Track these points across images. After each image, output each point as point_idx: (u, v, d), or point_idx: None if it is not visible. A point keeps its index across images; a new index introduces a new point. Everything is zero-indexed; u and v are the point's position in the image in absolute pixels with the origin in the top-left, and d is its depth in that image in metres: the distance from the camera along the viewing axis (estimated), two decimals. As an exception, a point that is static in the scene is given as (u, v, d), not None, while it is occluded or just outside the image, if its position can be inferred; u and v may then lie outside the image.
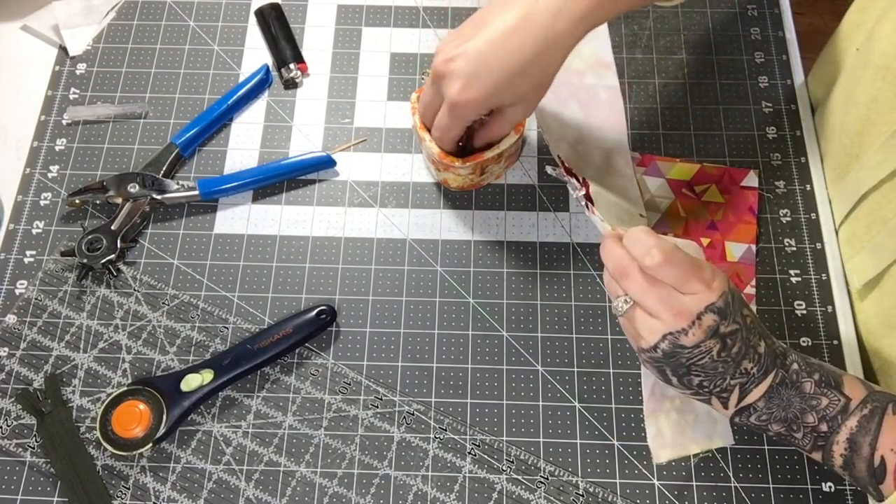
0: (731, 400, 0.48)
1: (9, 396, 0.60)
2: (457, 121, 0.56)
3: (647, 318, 0.47)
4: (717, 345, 0.46)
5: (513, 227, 0.66)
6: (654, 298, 0.46)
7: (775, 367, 0.47)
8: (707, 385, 0.47)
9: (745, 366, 0.47)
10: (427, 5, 0.76)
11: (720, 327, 0.46)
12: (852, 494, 0.56)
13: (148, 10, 0.76)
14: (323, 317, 0.61)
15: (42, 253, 0.65)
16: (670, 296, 0.46)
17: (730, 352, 0.46)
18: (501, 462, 0.58)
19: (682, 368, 0.47)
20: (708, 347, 0.46)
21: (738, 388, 0.47)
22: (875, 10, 0.61)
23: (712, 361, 0.46)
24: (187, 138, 0.68)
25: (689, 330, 0.45)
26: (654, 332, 0.47)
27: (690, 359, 0.46)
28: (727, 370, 0.46)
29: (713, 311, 0.45)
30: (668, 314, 0.46)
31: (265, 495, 0.57)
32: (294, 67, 0.72)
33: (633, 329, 0.48)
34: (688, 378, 0.47)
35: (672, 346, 0.46)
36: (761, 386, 0.47)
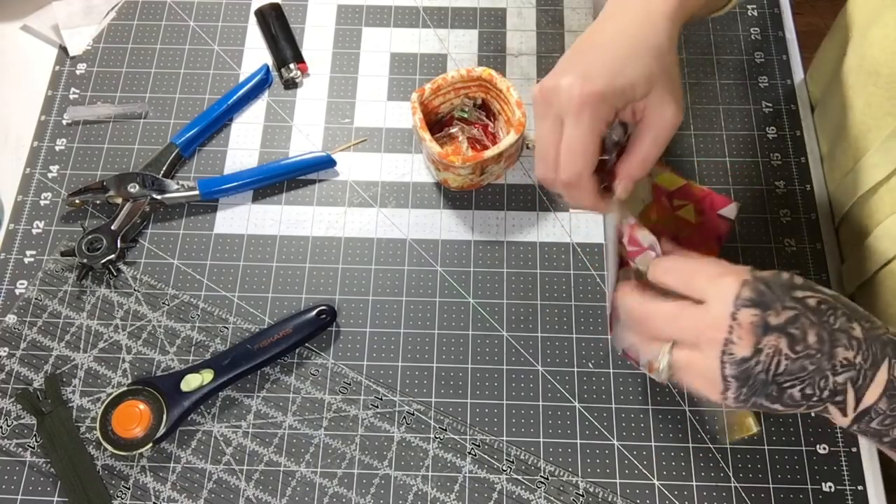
0: (849, 402, 0.40)
1: (9, 396, 0.60)
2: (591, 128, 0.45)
3: (693, 355, 0.41)
4: (783, 339, 0.39)
5: (513, 227, 0.66)
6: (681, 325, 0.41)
7: (886, 357, 0.39)
8: (811, 392, 0.40)
9: (841, 355, 0.39)
10: (427, 5, 0.76)
11: (768, 319, 0.39)
12: (852, 494, 0.56)
13: (148, 10, 0.76)
14: (323, 317, 0.61)
15: (42, 253, 0.65)
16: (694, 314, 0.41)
17: (806, 342, 0.39)
18: (501, 462, 0.58)
19: (769, 387, 0.40)
20: (773, 347, 0.39)
21: (850, 386, 0.40)
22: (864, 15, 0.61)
23: (793, 362, 0.39)
24: (187, 138, 0.68)
25: (733, 337, 0.40)
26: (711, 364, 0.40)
27: (767, 370, 0.40)
28: (821, 365, 0.39)
29: (746, 306, 0.39)
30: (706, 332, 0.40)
31: (265, 495, 0.57)
32: (294, 67, 0.72)
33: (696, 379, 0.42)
34: (786, 394, 0.40)
35: (736, 367, 0.40)
36: (877, 381, 0.39)
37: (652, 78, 0.46)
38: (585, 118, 0.45)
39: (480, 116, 0.69)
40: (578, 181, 0.46)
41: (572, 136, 0.45)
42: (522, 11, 0.76)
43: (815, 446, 0.58)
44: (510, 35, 0.75)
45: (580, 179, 0.46)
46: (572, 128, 0.45)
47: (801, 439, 0.58)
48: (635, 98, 0.46)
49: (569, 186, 0.47)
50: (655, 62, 0.46)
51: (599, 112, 0.45)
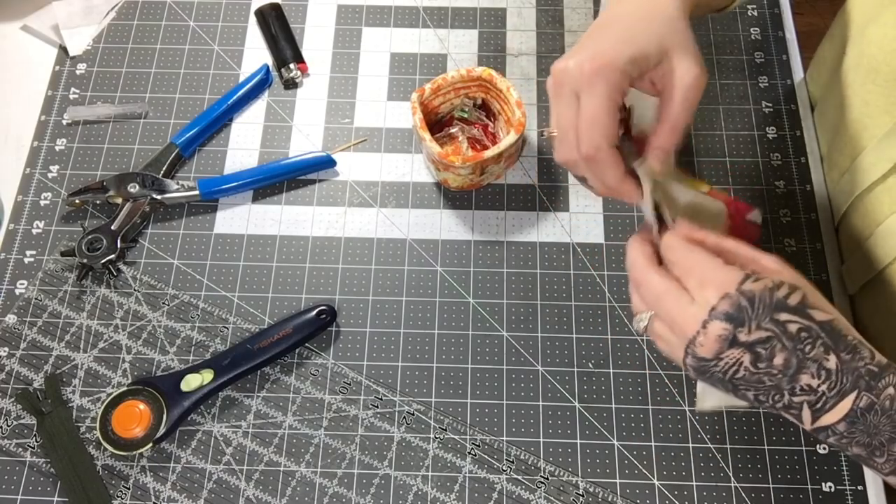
0: (804, 417, 0.41)
1: (9, 396, 0.60)
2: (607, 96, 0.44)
3: (667, 332, 0.43)
4: (747, 355, 0.40)
5: (513, 227, 0.66)
6: (664, 307, 0.42)
7: (857, 389, 0.40)
8: (764, 399, 0.42)
9: (804, 381, 0.40)
10: (427, 5, 0.76)
11: (738, 336, 0.40)
12: (852, 494, 0.56)
13: (148, 10, 0.76)
14: (323, 317, 0.61)
15: (42, 253, 0.65)
16: (679, 303, 0.42)
17: (770, 363, 0.40)
18: (501, 462, 0.58)
19: (724, 383, 0.42)
20: (734, 359, 0.40)
21: (806, 407, 0.41)
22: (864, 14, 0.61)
23: (752, 374, 0.41)
24: (187, 138, 0.68)
25: (694, 341, 0.41)
26: (677, 347, 0.42)
27: (725, 373, 0.41)
28: (780, 384, 0.40)
29: (719, 319, 0.40)
30: (678, 324, 0.41)
31: (265, 495, 0.57)
32: (294, 67, 0.72)
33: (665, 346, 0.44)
34: (741, 393, 0.42)
35: (696, 361, 0.41)
36: (840, 407, 0.40)
37: (664, 44, 0.45)
38: (598, 87, 0.44)
39: (480, 116, 0.69)
40: (598, 154, 0.45)
41: (588, 107, 0.45)
42: (522, 11, 0.76)
43: (815, 446, 0.58)
44: (510, 35, 0.75)
45: (600, 152, 0.45)
46: (587, 99, 0.45)
47: (801, 439, 0.58)
48: (649, 66, 0.46)
49: (590, 161, 0.46)
50: (666, 28, 0.46)
51: (612, 80, 0.44)
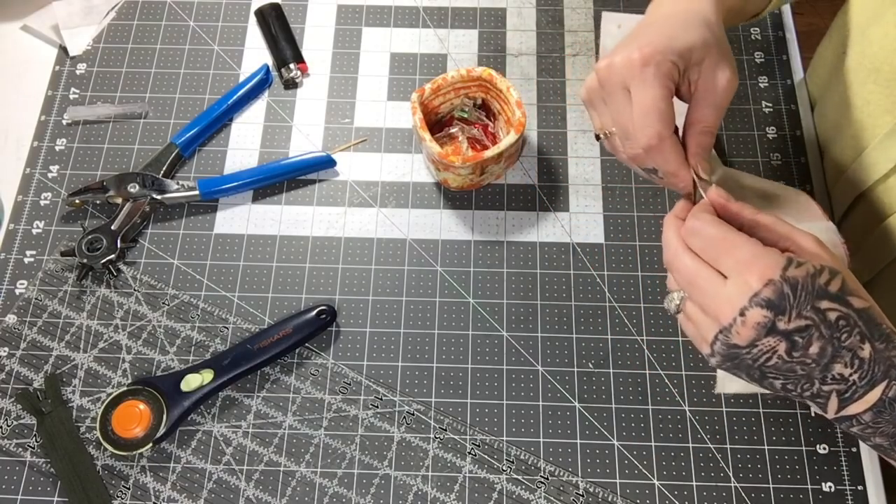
0: (830, 406, 0.41)
1: (9, 396, 0.60)
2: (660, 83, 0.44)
3: (700, 316, 0.42)
4: (783, 344, 0.39)
5: (513, 227, 0.66)
6: (698, 290, 0.41)
7: (887, 379, 0.39)
8: (792, 388, 0.41)
9: (837, 370, 0.39)
10: (427, 5, 0.76)
11: (777, 324, 0.38)
12: (852, 494, 0.56)
13: (148, 10, 0.76)
14: (323, 317, 0.61)
15: (42, 253, 0.65)
16: (715, 287, 0.40)
17: (806, 352, 0.39)
18: (501, 462, 0.58)
19: (753, 371, 0.41)
20: (769, 347, 0.39)
21: (834, 396, 0.40)
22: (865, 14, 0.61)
23: (784, 363, 0.40)
24: (187, 138, 0.68)
25: (730, 329, 0.39)
26: (709, 331, 0.41)
27: (756, 360, 0.40)
28: (812, 373, 0.40)
29: (760, 305, 0.38)
30: (713, 308, 0.40)
31: (265, 495, 0.57)
32: (294, 67, 0.72)
33: (695, 330, 0.43)
34: (767, 382, 0.41)
35: (726, 347, 0.40)
36: (868, 397, 0.40)
37: (707, 43, 0.46)
38: (650, 74, 0.44)
39: (480, 116, 0.69)
40: (660, 142, 0.45)
41: (643, 97, 0.44)
42: (522, 11, 0.76)
43: (815, 446, 0.58)
44: (510, 35, 0.75)
45: (662, 140, 0.45)
46: (640, 89, 0.45)
47: (801, 439, 0.58)
48: (692, 61, 0.45)
49: (652, 151, 0.45)
50: (708, 30, 0.46)
51: (663, 68, 0.44)
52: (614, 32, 0.74)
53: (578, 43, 0.74)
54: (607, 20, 0.76)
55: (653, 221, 0.66)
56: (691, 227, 0.42)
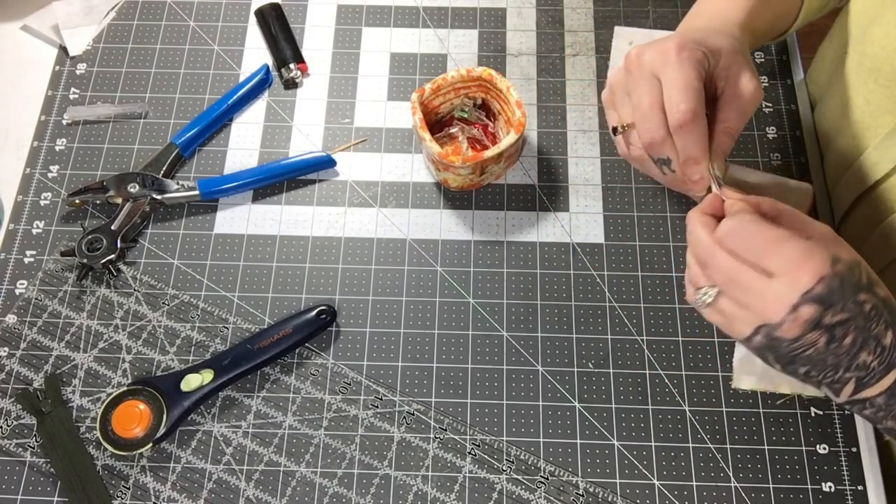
0: (845, 391, 0.42)
1: (9, 396, 0.60)
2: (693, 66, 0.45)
3: (735, 309, 0.42)
4: (824, 336, 0.40)
5: (513, 227, 0.66)
6: (740, 288, 0.41)
7: None
8: (815, 375, 0.42)
9: (862, 359, 0.40)
10: (427, 5, 0.76)
11: (824, 318, 0.39)
12: (852, 494, 0.56)
13: (148, 10, 0.76)
14: (323, 317, 0.61)
15: (42, 253, 0.65)
16: (758, 284, 0.40)
17: (841, 343, 0.40)
18: (501, 462, 0.58)
19: (784, 359, 0.42)
20: (811, 340, 0.40)
21: (853, 382, 0.41)
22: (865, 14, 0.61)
23: (819, 354, 0.40)
24: (187, 138, 0.68)
25: (781, 324, 0.40)
26: (746, 324, 0.41)
27: (793, 351, 0.41)
28: (840, 362, 0.41)
29: (812, 301, 0.39)
30: (758, 306, 0.40)
31: (265, 495, 0.57)
32: (294, 67, 0.72)
33: (724, 320, 0.43)
34: (792, 367, 0.42)
35: (769, 339, 0.41)
36: (883, 382, 0.41)
37: (734, 51, 0.47)
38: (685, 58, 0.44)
39: (480, 116, 0.69)
40: (693, 118, 0.44)
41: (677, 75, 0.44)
42: (522, 11, 0.76)
43: (815, 446, 0.58)
44: (510, 35, 0.75)
45: (696, 117, 0.44)
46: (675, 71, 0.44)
47: (801, 439, 0.58)
48: (720, 64, 0.46)
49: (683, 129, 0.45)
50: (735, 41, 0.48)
51: (696, 56, 0.44)
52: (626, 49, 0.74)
53: (578, 43, 0.74)
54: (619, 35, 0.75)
55: (653, 221, 0.66)
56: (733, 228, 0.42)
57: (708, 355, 0.61)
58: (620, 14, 0.75)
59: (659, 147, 0.47)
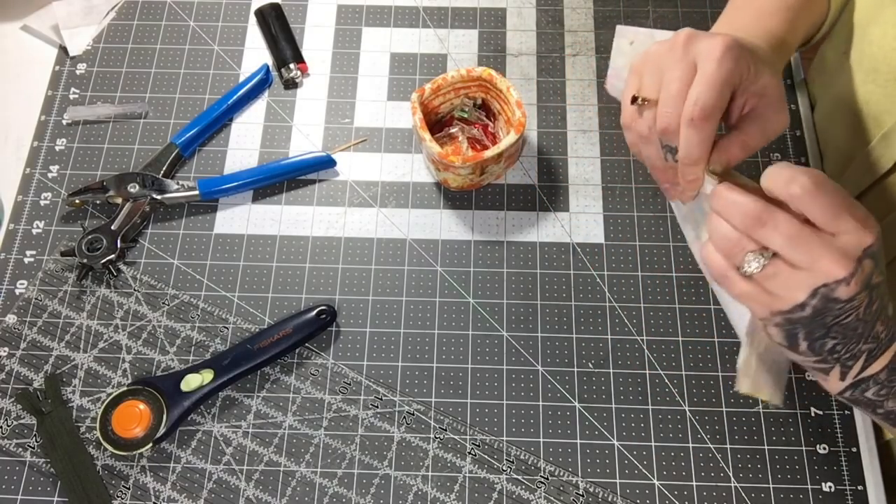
0: (854, 368, 0.42)
1: (9, 396, 0.60)
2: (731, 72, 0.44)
3: (791, 273, 0.40)
4: (867, 299, 0.39)
5: (513, 227, 0.66)
6: (805, 246, 0.39)
7: None
8: (839, 349, 0.41)
9: (877, 328, 0.41)
10: (427, 5, 0.76)
11: (873, 277, 0.39)
12: (852, 494, 0.56)
13: (148, 10, 0.76)
14: (323, 317, 0.61)
15: (42, 253, 0.65)
16: (823, 240, 0.39)
17: (871, 308, 0.40)
18: (501, 462, 0.58)
19: (821, 330, 0.41)
20: (860, 301, 0.39)
21: (865, 355, 0.41)
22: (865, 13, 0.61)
23: (857, 320, 0.40)
24: (187, 138, 0.68)
25: (850, 279, 0.38)
26: (802, 288, 0.39)
27: (838, 316, 0.40)
28: (865, 331, 0.40)
29: (871, 257, 0.39)
30: (825, 262, 0.39)
31: (265, 495, 0.57)
32: (294, 67, 0.72)
33: (764, 291, 0.41)
34: (822, 342, 0.41)
35: (825, 302, 0.39)
36: (887, 354, 0.41)
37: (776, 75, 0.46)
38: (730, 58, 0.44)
39: (480, 116, 0.69)
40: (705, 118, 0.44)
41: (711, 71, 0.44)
42: (522, 11, 0.76)
43: (815, 446, 0.58)
44: (510, 35, 0.75)
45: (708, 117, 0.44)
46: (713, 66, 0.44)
47: (801, 439, 0.58)
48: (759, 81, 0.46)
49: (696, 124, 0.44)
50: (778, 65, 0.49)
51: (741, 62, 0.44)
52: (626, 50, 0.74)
53: (578, 43, 0.74)
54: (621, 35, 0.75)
55: (653, 221, 0.66)
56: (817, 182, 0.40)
57: (708, 355, 0.61)
58: (620, 14, 0.75)
59: (673, 135, 0.46)
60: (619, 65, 0.71)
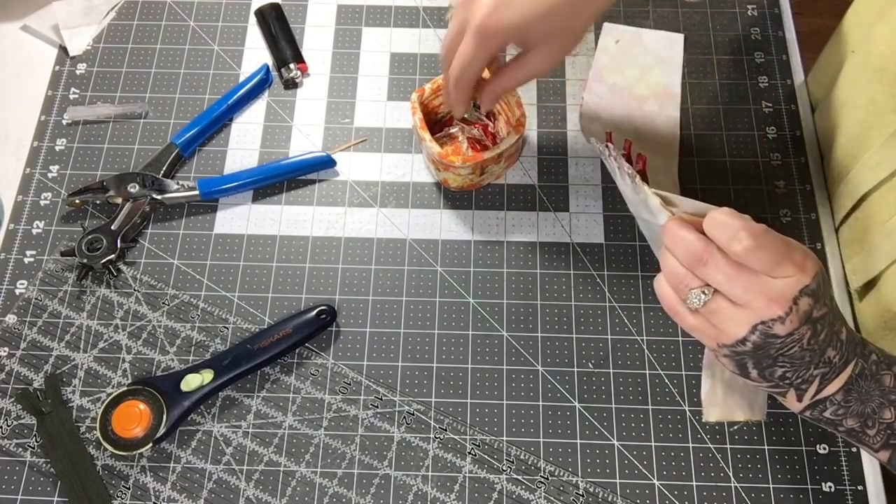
0: (809, 392, 0.44)
1: (9, 396, 0.60)
2: (480, 50, 0.51)
3: (731, 309, 0.43)
4: (809, 331, 0.42)
5: (513, 227, 0.66)
6: (743, 286, 0.42)
7: (855, 357, 0.43)
8: (790, 376, 0.43)
9: (828, 354, 0.43)
10: (427, 5, 0.76)
11: (813, 311, 0.42)
12: (852, 494, 0.56)
13: (148, 10, 0.76)
14: (323, 317, 0.61)
15: (42, 253, 0.65)
16: (761, 282, 0.42)
17: (818, 338, 0.42)
18: (501, 462, 0.58)
19: (767, 360, 0.43)
20: (801, 335, 0.42)
21: (818, 379, 0.43)
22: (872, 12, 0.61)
23: (801, 350, 0.42)
24: (187, 138, 0.68)
25: (785, 318, 0.41)
26: (742, 324, 0.42)
27: (780, 349, 0.42)
28: (813, 359, 0.43)
29: (808, 295, 0.41)
30: (761, 301, 0.41)
31: (265, 495, 0.57)
32: (294, 67, 0.72)
33: (710, 325, 0.44)
34: (770, 370, 0.44)
35: (763, 338, 0.42)
36: (841, 376, 0.43)
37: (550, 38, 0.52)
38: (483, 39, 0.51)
39: (480, 116, 0.69)
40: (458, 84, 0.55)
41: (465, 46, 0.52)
42: (522, 11, 0.76)
43: (815, 446, 0.58)
44: (510, 35, 0.75)
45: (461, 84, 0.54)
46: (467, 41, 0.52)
47: (801, 439, 0.58)
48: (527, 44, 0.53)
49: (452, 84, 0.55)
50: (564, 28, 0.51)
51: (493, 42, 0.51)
52: (611, 49, 0.74)
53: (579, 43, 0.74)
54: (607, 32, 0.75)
55: (653, 221, 0.66)
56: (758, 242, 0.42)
57: (708, 355, 0.61)
58: (621, 14, 0.75)
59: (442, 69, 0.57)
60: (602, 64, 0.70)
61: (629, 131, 0.68)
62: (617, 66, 0.72)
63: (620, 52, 0.73)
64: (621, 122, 0.69)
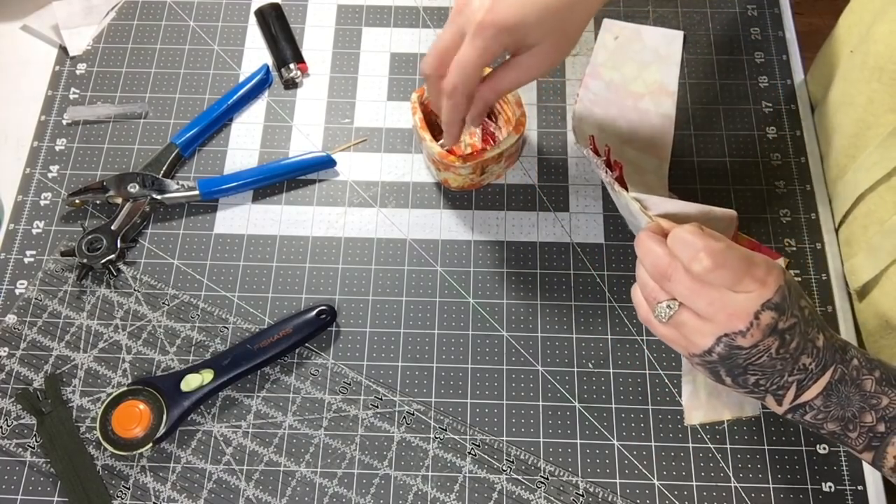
0: (787, 397, 0.45)
1: (9, 396, 0.60)
2: (482, 52, 0.49)
3: (696, 322, 0.44)
4: (776, 342, 0.43)
5: (513, 227, 0.66)
6: (705, 300, 0.43)
7: (834, 363, 0.44)
8: (763, 383, 0.45)
9: (803, 361, 0.44)
10: (427, 5, 0.76)
11: (778, 323, 0.43)
12: (852, 494, 0.56)
13: (148, 10, 0.76)
14: (323, 317, 0.61)
15: (42, 253, 0.65)
16: (722, 296, 0.43)
17: (788, 347, 0.43)
18: (501, 462, 0.58)
19: (737, 369, 0.44)
20: (766, 346, 0.43)
21: (795, 385, 0.44)
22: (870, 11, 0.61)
23: (770, 359, 0.43)
24: (187, 138, 0.68)
25: (746, 331, 0.43)
26: (707, 336, 0.44)
27: (748, 359, 0.44)
28: (785, 367, 0.44)
29: (770, 308, 0.42)
30: (723, 315, 0.43)
31: (265, 495, 0.57)
32: (294, 67, 0.72)
33: (679, 335, 0.45)
34: (743, 378, 0.45)
35: (728, 349, 0.43)
36: (819, 382, 0.44)
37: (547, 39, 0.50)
38: (483, 37, 0.49)
39: (480, 116, 0.69)
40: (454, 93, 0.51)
41: (465, 50, 0.50)
42: (522, 11, 0.76)
43: (815, 446, 0.58)
44: (510, 35, 0.75)
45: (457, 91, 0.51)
46: (467, 44, 0.50)
47: (801, 439, 0.58)
48: (526, 44, 0.50)
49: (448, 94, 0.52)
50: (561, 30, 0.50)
51: (493, 42, 0.49)
52: (610, 45, 0.74)
53: (579, 42, 0.74)
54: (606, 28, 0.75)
55: (653, 221, 0.66)
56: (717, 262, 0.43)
57: (708, 355, 0.61)
58: (621, 14, 0.75)
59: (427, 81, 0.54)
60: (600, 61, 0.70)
61: (622, 129, 0.68)
62: (614, 62, 0.72)
63: (619, 49, 0.73)
64: (615, 119, 0.69)
